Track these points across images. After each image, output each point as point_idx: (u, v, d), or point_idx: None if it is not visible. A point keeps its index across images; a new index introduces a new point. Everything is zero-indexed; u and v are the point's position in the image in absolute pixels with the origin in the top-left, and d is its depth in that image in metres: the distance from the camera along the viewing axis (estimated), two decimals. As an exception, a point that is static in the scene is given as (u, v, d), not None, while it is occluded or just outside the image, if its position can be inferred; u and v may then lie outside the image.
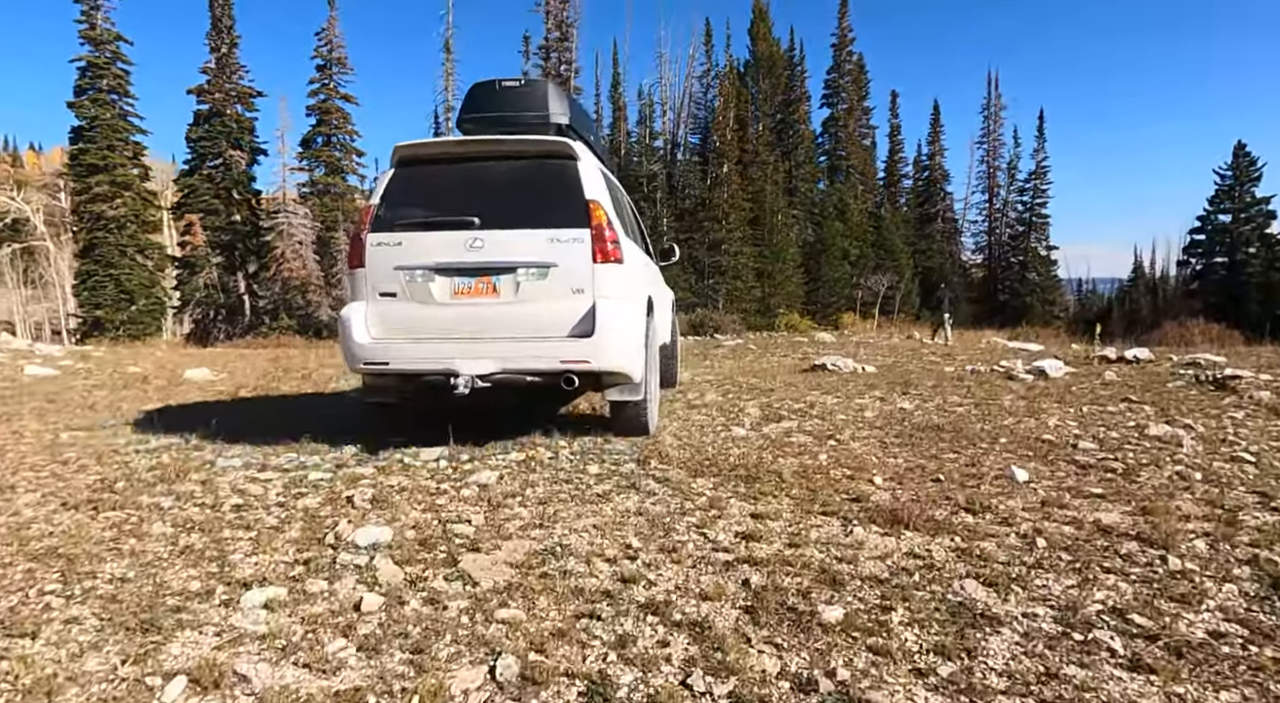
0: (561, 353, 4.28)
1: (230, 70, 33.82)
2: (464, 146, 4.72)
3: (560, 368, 4.29)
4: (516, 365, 4.30)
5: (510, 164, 4.60)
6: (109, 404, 6.96)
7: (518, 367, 4.31)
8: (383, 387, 4.80)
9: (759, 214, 37.69)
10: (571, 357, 4.27)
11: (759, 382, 7.93)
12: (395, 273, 4.43)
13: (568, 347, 4.29)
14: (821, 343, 16.48)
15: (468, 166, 4.64)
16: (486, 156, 4.63)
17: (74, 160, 30.76)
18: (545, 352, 4.31)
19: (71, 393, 7.96)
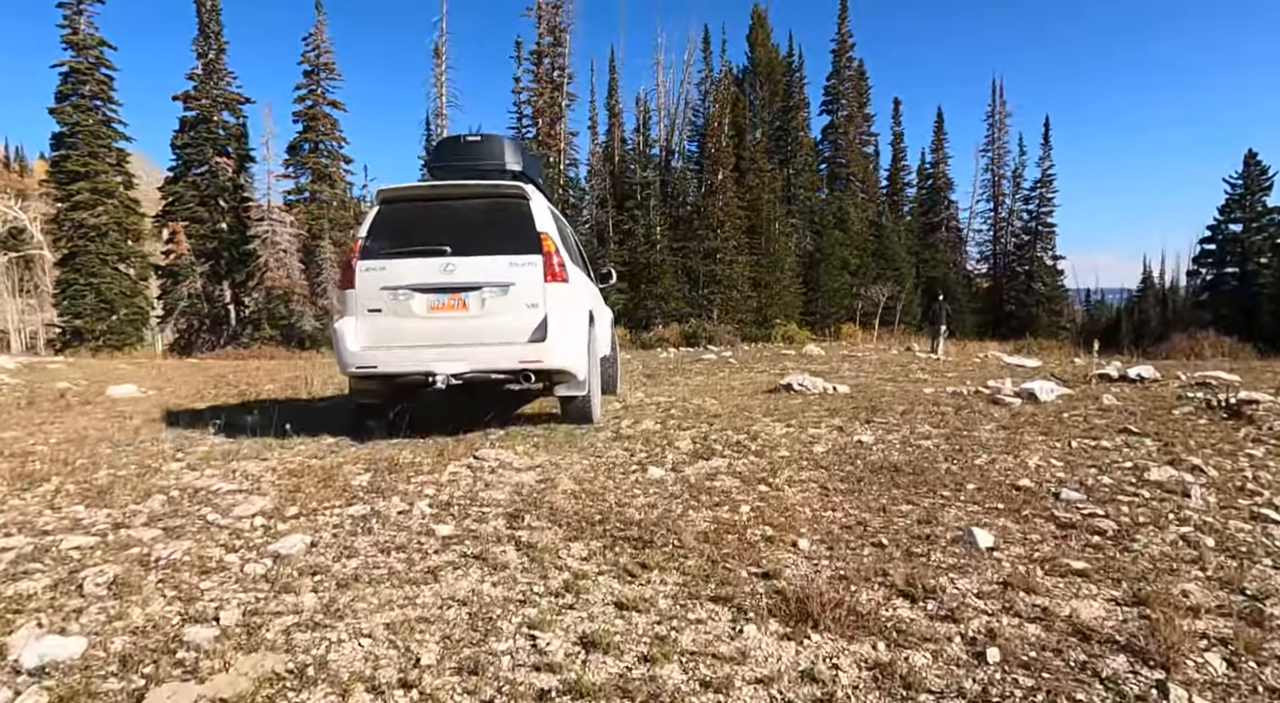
0: (521, 355, 5.23)
1: (218, 76, 33.33)
2: (436, 190, 5.71)
3: (520, 367, 5.24)
4: (484, 366, 5.24)
5: (475, 203, 5.55)
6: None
7: (485, 367, 5.24)
8: (368, 390, 5.64)
9: (756, 223, 36.88)
10: (529, 357, 5.23)
11: (712, 404, 7.09)
12: (381, 292, 5.29)
13: (526, 350, 5.24)
14: (807, 357, 15.62)
15: (440, 205, 5.58)
16: (455, 197, 5.58)
17: (55, 167, 30.21)
18: (507, 354, 5.25)
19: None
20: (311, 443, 5.25)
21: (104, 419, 6.89)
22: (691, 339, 30.17)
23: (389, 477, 4.10)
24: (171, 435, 5.68)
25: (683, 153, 40.53)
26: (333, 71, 33.82)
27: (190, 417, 6.79)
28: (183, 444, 5.28)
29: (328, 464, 4.47)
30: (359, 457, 4.73)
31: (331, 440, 5.33)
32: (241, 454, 4.82)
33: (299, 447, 5.12)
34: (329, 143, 33.86)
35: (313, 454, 4.85)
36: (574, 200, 37.28)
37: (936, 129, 50.86)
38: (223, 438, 5.48)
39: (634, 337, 31.08)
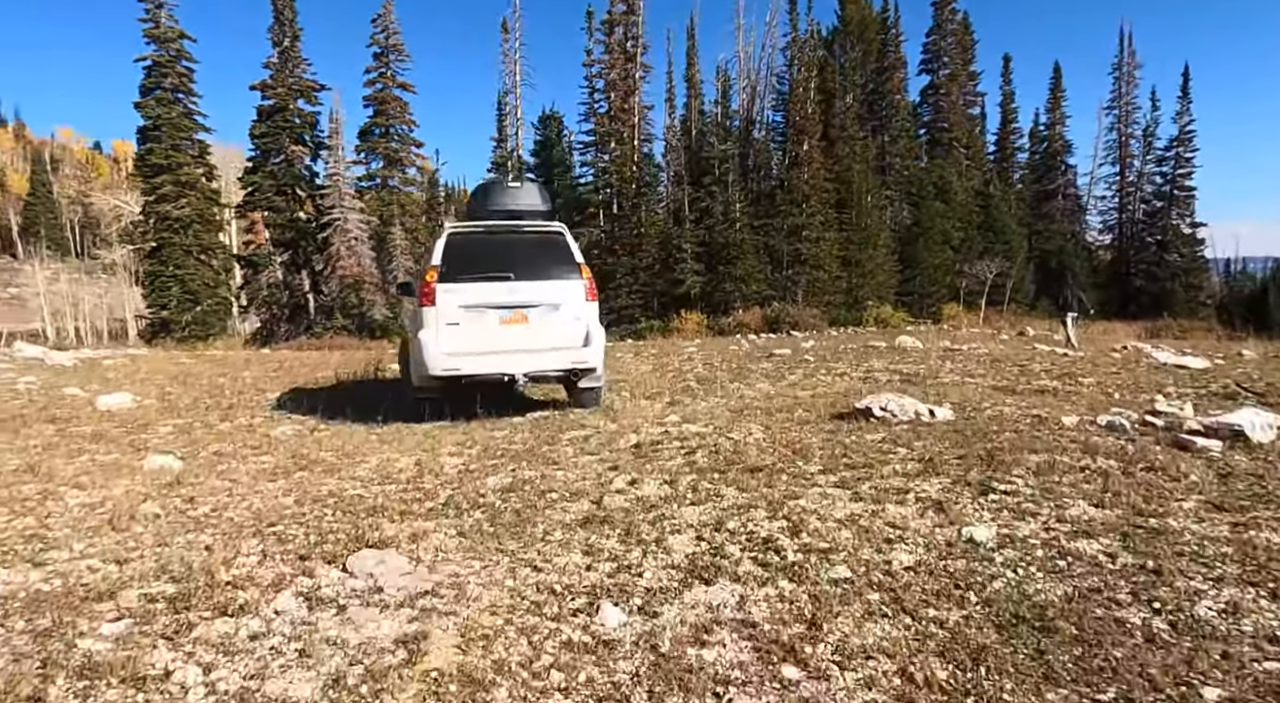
0: (572, 358, 6.74)
1: (293, 64, 33.25)
2: (493, 228, 7.03)
3: (571, 367, 6.79)
4: (545, 367, 6.74)
5: (526, 238, 7.03)
6: None
7: (545, 368, 6.75)
8: (431, 387, 6.66)
9: (845, 196, 33.95)
10: (578, 360, 6.76)
11: (758, 439, 5.18)
12: (459, 309, 6.48)
13: (575, 354, 6.75)
14: (900, 351, 13.25)
15: (498, 239, 6.97)
16: (510, 233, 7.02)
17: (141, 161, 30.91)
18: (561, 358, 6.72)
19: None
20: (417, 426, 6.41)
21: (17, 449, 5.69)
22: (774, 324, 27.92)
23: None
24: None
25: (765, 123, 37.92)
26: (402, 53, 33.18)
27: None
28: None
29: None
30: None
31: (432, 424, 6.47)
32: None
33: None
34: (399, 127, 33.31)
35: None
36: (648, 179, 35.41)
37: (1053, 86, 45.87)
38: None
39: (710, 322, 29.10)
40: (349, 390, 9.84)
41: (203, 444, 5.94)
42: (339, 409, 7.76)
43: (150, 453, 5.51)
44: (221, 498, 4.07)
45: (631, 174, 34.60)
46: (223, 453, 5.51)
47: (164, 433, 6.62)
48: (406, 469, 4.76)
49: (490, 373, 6.53)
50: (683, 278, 32.27)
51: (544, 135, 39.47)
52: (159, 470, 4.79)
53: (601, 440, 5.48)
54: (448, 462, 4.95)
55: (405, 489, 4.22)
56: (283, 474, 4.68)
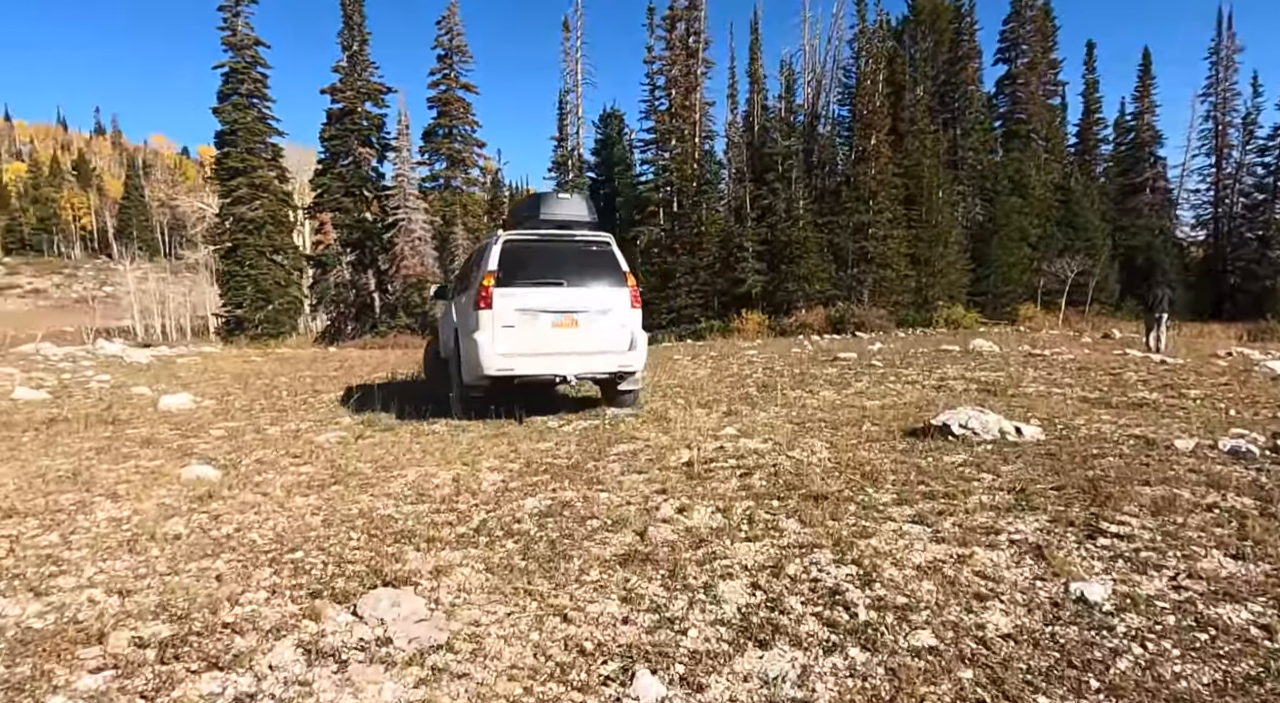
0: (619, 361, 7.12)
1: (361, 67, 34.01)
2: (545, 236, 7.29)
3: (617, 370, 7.20)
4: (593, 369, 7.15)
5: (576, 246, 7.32)
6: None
7: (593, 370, 7.16)
8: (479, 386, 7.00)
9: (915, 192, 32.68)
10: (623, 363, 7.16)
11: (823, 459, 4.71)
12: (515, 313, 6.76)
13: (621, 357, 7.13)
14: (976, 355, 12.44)
15: (550, 247, 7.23)
16: (560, 241, 7.32)
17: (218, 165, 32.07)
18: (608, 361, 7.09)
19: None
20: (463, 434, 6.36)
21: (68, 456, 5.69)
22: (838, 325, 27.04)
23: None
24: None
25: (830, 118, 36.87)
26: (465, 54, 33.53)
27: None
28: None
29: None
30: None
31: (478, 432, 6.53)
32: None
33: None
34: (462, 127, 33.68)
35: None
36: (709, 176, 34.84)
37: (1141, 73, 43.25)
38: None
39: (772, 322, 28.40)
40: (403, 390, 9.74)
41: (247, 451, 5.83)
42: (388, 412, 7.63)
43: (193, 460, 5.41)
44: (248, 516, 3.86)
45: (692, 172, 34.11)
46: (264, 462, 5.36)
47: (214, 437, 6.56)
48: (443, 486, 4.49)
49: (542, 374, 6.99)
50: (744, 277, 31.63)
51: (604, 133, 39.35)
52: (195, 481, 4.65)
53: (651, 457, 5.11)
54: (487, 478, 4.66)
55: (438, 510, 3.94)
56: (317, 488, 4.47)
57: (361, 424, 7.12)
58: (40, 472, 5.07)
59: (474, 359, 6.72)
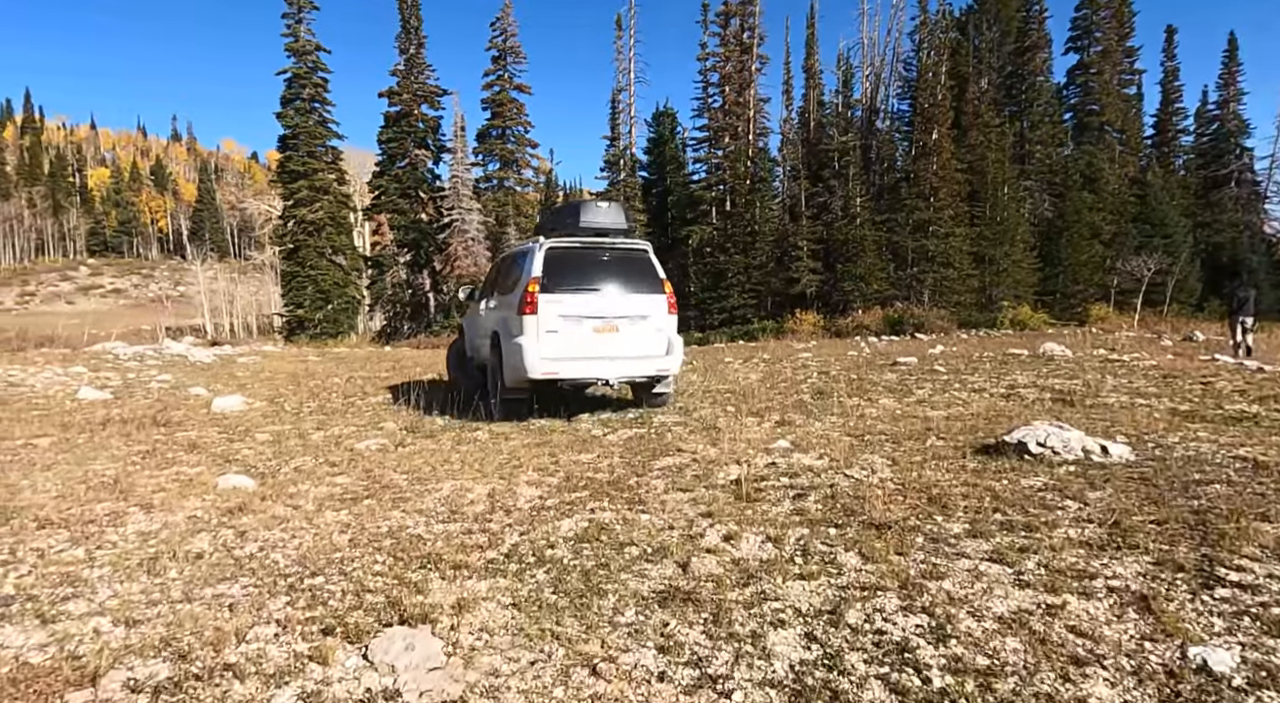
0: (657, 365, 7.39)
1: (418, 70, 34.52)
2: (586, 244, 7.45)
3: (655, 373, 7.47)
4: (633, 373, 7.34)
5: (616, 254, 7.51)
6: None
7: (633, 373, 7.36)
8: (520, 388, 7.22)
9: (979, 187, 31.46)
10: (661, 366, 7.41)
11: (884, 479, 4.33)
12: (559, 318, 6.95)
13: (660, 361, 7.38)
14: (1046, 360, 11.71)
15: (591, 255, 7.41)
16: (601, 249, 7.48)
17: (281, 168, 32.95)
18: (648, 365, 7.33)
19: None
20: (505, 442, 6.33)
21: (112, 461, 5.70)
22: (896, 326, 26.18)
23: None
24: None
25: (889, 113, 35.77)
26: (519, 55, 33.70)
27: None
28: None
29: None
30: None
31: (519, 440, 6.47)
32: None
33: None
34: (515, 128, 33.87)
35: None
36: (763, 174, 34.21)
37: (1226, 60, 40.77)
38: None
39: (827, 323, 27.68)
40: (449, 392, 9.65)
41: (288, 457, 5.75)
42: (432, 416, 7.52)
43: (232, 468, 5.34)
44: (275, 533, 3.71)
45: (745, 169, 33.56)
46: (301, 470, 5.26)
47: (258, 442, 6.53)
48: (478, 502, 4.28)
49: (585, 377, 7.26)
50: (798, 276, 30.96)
51: (657, 132, 39.06)
52: (230, 492, 4.55)
53: (697, 473, 4.81)
54: (524, 494, 4.43)
55: (469, 530, 3.72)
56: (349, 503, 4.31)
57: (404, 430, 7.01)
58: (84, 477, 5.06)
59: (518, 363, 6.87)
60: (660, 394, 7.96)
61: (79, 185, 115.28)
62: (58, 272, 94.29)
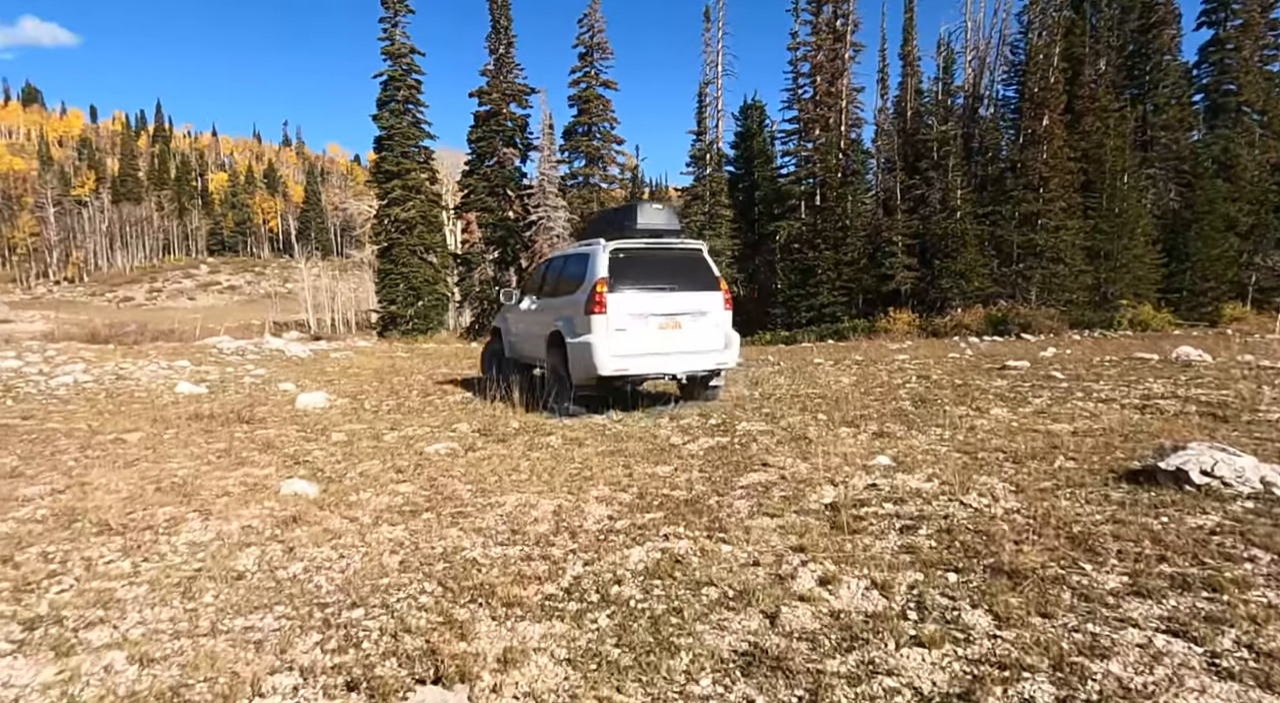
0: (717, 359, 7.68)
1: (507, 69, 34.90)
2: (649, 245, 7.70)
3: (715, 367, 7.74)
4: (696, 368, 7.61)
5: (675, 254, 7.81)
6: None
7: (697, 368, 7.61)
8: (589, 385, 7.42)
9: (1095, 176, 29.09)
10: (721, 360, 7.72)
11: (1008, 510, 3.67)
12: (627, 316, 7.20)
13: (719, 355, 7.70)
14: (1184, 366, 10.41)
15: (652, 255, 7.65)
16: (661, 249, 7.76)
17: (376, 168, 34.01)
18: (709, 359, 7.62)
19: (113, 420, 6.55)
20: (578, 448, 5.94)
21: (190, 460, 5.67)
22: (999, 326, 24.50)
23: None
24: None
25: (994, 99, 33.60)
26: (605, 51, 33.53)
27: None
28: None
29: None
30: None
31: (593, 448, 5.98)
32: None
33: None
34: (601, 125, 33.73)
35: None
36: (855, 166, 32.84)
37: (1391, 29, 36.15)
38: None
39: (923, 322, 26.23)
40: (527, 391, 9.43)
41: (356, 460, 5.57)
42: (506, 415, 7.29)
43: (299, 472, 5.19)
44: (324, 551, 3.44)
45: (837, 162, 32.27)
46: (366, 476, 5.04)
47: (332, 442, 6.42)
48: (542, 520, 3.90)
49: (652, 373, 7.59)
50: (892, 273, 29.50)
51: (744, 126, 38.15)
52: (290, 498, 4.36)
53: (786, 493, 4.28)
54: (592, 513, 4.03)
55: (529, 555, 3.34)
56: (408, 516, 4.02)
57: (476, 433, 6.77)
58: (158, 477, 5.01)
59: (587, 360, 7.12)
60: (714, 387, 8.32)
61: (201, 189, 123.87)
62: (181, 269, 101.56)
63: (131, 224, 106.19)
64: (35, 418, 7.90)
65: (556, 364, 7.82)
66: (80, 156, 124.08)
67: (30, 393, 9.64)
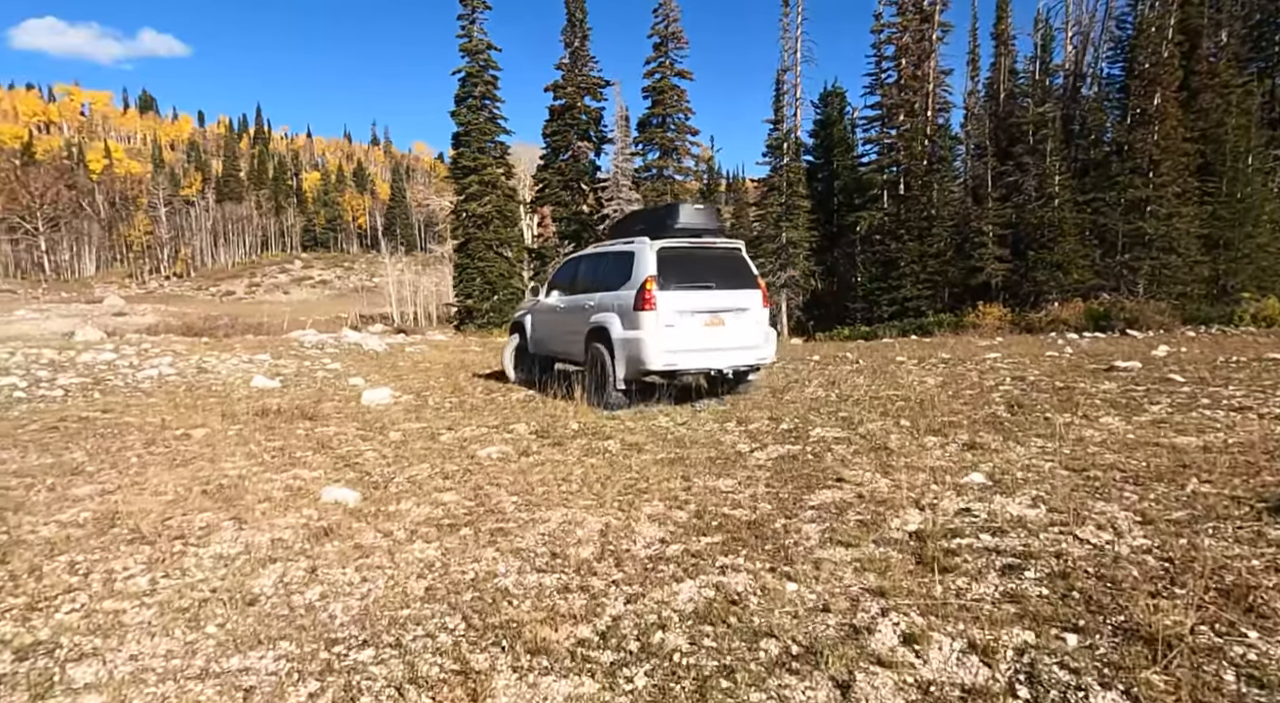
0: (757, 355, 8.00)
1: (581, 63, 34.83)
2: (693, 244, 7.89)
3: (755, 362, 8.08)
4: (739, 363, 7.88)
5: (716, 253, 8.02)
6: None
7: (739, 363, 7.90)
8: (635, 379, 7.76)
9: (1212, 159, 26.67)
10: (761, 356, 8.06)
11: (1137, 547, 3.08)
12: (675, 313, 7.41)
13: (759, 351, 8.01)
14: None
15: (696, 254, 7.85)
16: (704, 248, 7.96)
17: (453, 164, 34.55)
18: (750, 355, 7.92)
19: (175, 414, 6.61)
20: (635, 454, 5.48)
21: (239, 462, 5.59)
22: (1101, 321, 22.75)
23: None
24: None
25: (1098, 78, 31.29)
26: (680, 40, 32.94)
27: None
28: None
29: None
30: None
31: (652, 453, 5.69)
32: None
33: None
34: (676, 116, 33.21)
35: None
36: (942, 153, 31.21)
37: None
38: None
39: (1015, 317, 24.66)
40: (586, 390, 9.14)
41: (406, 463, 5.36)
42: (567, 415, 6.99)
43: (347, 473, 5.01)
44: (349, 572, 3.18)
45: (923, 149, 30.75)
46: (413, 481, 4.80)
47: (389, 441, 6.26)
48: (587, 541, 3.53)
49: (699, 368, 7.77)
50: (981, 265, 27.89)
51: (824, 113, 36.86)
52: (330, 507, 4.14)
53: (863, 516, 3.77)
54: (643, 534, 3.63)
55: (567, 585, 2.98)
56: (445, 531, 3.73)
57: (533, 434, 6.48)
58: (207, 479, 4.91)
59: (638, 355, 7.39)
60: (750, 381, 8.77)
61: (295, 188, 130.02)
62: (277, 265, 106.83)
63: (233, 222, 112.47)
64: (114, 411, 8.11)
65: (599, 358, 7.95)
66: (189, 159, 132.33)
67: (117, 385, 9.99)
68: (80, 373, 10.66)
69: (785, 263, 31.39)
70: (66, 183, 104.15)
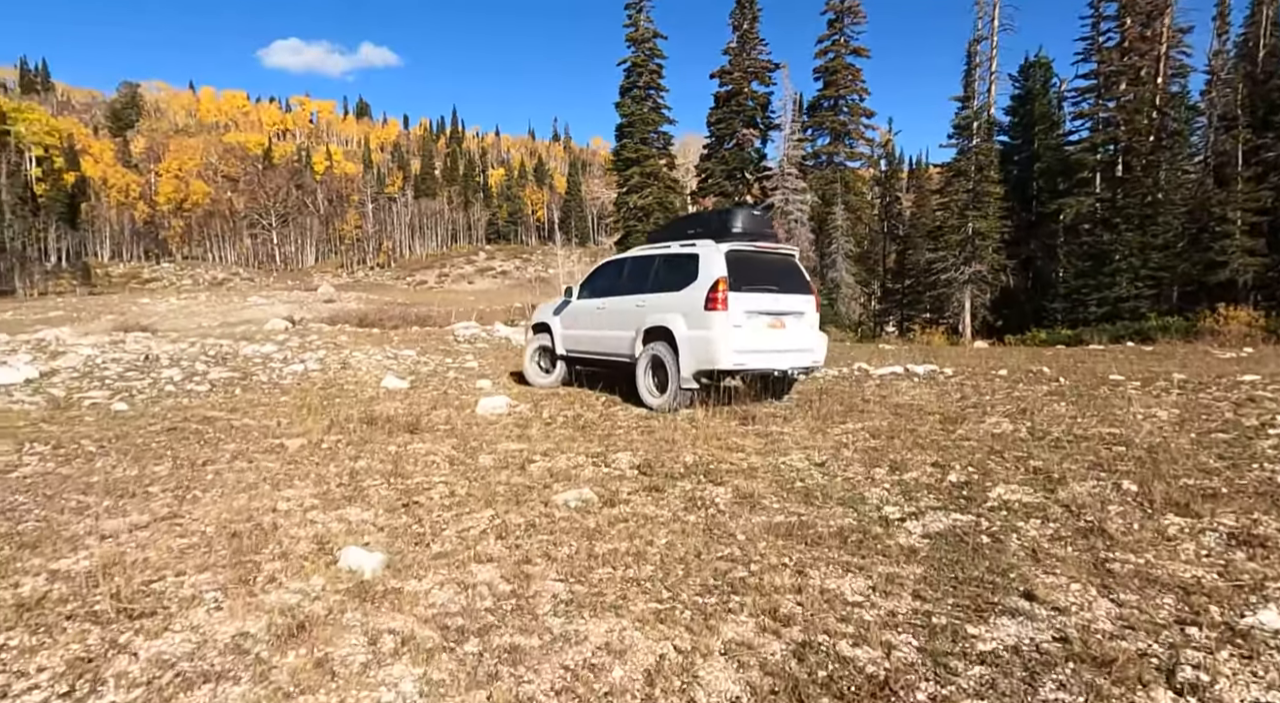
0: (812, 357, 8.32)
1: (750, 46, 33.34)
2: (757, 249, 8.15)
3: (811, 364, 8.40)
4: (797, 364, 8.19)
5: (776, 258, 8.38)
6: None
7: (797, 365, 8.20)
8: (702, 378, 7.88)
9: None
10: (815, 358, 8.37)
11: None
12: (743, 314, 7.69)
13: (814, 353, 8.32)
14: None
15: (760, 258, 8.13)
16: (766, 253, 8.26)
17: (616, 156, 34.38)
18: (806, 356, 8.25)
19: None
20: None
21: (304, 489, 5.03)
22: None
23: None
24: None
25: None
26: (857, 15, 30.47)
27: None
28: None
29: None
30: None
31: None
32: None
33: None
34: (850, 97, 30.84)
35: None
36: (1175, 126, 26.35)
37: None
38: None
39: (1270, 322, 20.14)
40: (718, 406, 7.97)
41: (466, 509, 4.52)
42: (680, 446, 5.87)
43: (398, 519, 4.25)
44: (280, 715, 2.28)
45: (1150, 123, 26.13)
46: (462, 538, 3.93)
47: (475, 468, 5.50)
48: (621, 694, 2.42)
49: (764, 368, 8.06)
50: (1224, 259, 23.20)
51: (1024, 87, 32.59)
52: (335, 580, 3.36)
53: (1074, 682, 2.34)
54: (710, 683, 2.45)
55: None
56: (456, 639, 2.78)
57: (635, 469, 5.47)
58: (248, 516, 4.35)
59: (707, 354, 7.63)
60: (792, 382, 8.96)
61: (482, 184, 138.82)
62: (463, 256, 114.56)
63: (428, 216, 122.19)
64: (239, 411, 8.11)
65: (659, 357, 8.18)
66: (392, 159, 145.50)
67: (260, 381, 10.23)
68: (234, 367, 11.10)
69: (970, 256, 28.02)
70: (296, 183, 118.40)
